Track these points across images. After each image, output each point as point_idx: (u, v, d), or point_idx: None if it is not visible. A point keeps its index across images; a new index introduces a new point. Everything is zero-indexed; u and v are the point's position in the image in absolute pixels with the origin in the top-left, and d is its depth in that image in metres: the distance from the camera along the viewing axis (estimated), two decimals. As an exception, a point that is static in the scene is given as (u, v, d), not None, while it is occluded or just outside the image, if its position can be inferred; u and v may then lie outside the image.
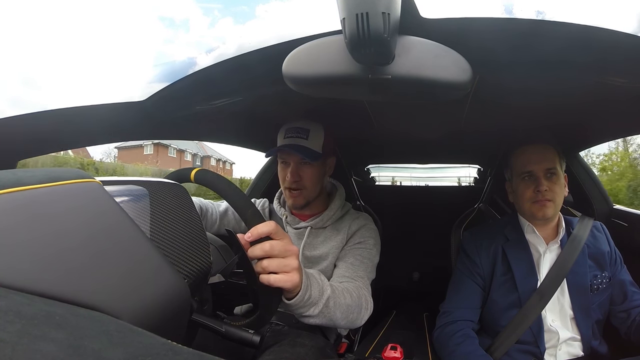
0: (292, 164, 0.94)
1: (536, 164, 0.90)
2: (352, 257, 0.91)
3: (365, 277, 0.87)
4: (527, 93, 0.77)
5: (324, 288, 0.66)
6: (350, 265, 0.88)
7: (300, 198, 0.95)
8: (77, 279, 0.28)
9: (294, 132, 0.93)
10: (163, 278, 0.35)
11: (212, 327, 0.52)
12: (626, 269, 0.93)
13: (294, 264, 0.55)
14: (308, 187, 0.95)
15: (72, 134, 0.76)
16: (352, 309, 0.73)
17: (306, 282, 0.61)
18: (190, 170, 0.60)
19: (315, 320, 0.67)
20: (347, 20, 0.41)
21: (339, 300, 0.70)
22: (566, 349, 0.86)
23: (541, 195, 0.88)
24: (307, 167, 0.94)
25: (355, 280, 0.83)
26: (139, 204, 0.42)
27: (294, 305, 0.60)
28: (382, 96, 0.58)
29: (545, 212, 0.89)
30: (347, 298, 0.72)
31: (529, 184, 0.91)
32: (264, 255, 0.53)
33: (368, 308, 0.80)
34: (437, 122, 1.12)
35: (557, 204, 0.90)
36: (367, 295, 0.81)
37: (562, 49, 0.55)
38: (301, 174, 0.94)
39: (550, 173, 0.89)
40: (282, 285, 0.54)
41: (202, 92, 0.77)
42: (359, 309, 0.76)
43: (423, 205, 1.96)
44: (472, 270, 0.96)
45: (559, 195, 0.90)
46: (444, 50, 0.50)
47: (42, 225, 0.28)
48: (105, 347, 0.20)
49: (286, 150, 0.92)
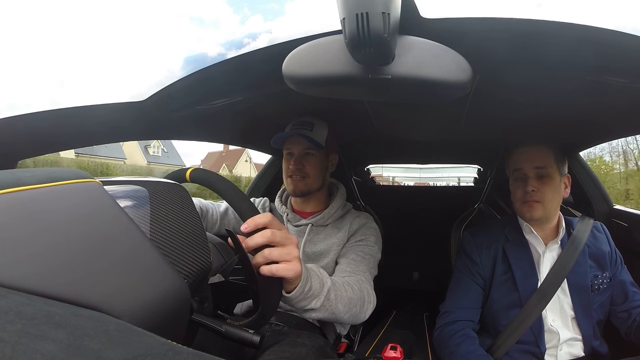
0: (296, 153, 0.99)
1: (525, 163, 0.90)
2: (354, 253, 0.92)
3: (367, 272, 0.87)
4: (527, 93, 0.77)
5: (324, 280, 0.65)
6: (351, 261, 0.89)
7: (302, 184, 0.99)
8: (77, 279, 0.28)
9: (300, 125, 1.00)
10: (163, 278, 0.35)
11: (212, 327, 0.52)
12: (626, 269, 0.93)
13: (295, 253, 0.54)
14: (310, 175, 0.99)
15: (72, 134, 0.76)
16: (354, 302, 0.72)
17: (305, 274, 0.59)
18: (185, 171, 0.60)
19: (318, 314, 0.65)
20: (347, 20, 0.41)
21: (341, 292, 0.69)
22: (567, 349, 0.86)
23: (529, 196, 0.88)
24: (310, 157, 0.99)
25: (357, 275, 0.83)
26: (139, 204, 0.42)
27: (294, 298, 0.58)
28: (382, 96, 0.58)
29: (533, 214, 0.89)
30: (348, 291, 0.71)
31: (519, 183, 0.91)
32: (265, 242, 0.51)
33: (371, 302, 0.79)
34: (437, 122, 1.12)
35: (546, 206, 0.89)
36: (369, 289, 0.81)
37: (562, 49, 0.55)
38: (304, 163, 0.99)
39: (540, 173, 0.89)
40: (284, 275, 0.52)
41: (202, 92, 0.77)
42: (361, 302, 0.75)
43: (423, 205, 1.96)
44: (472, 270, 0.96)
45: (548, 196, 0.89)
46: (444, 50, 0.50)
47: (42, 225, 0.28)
48: (105, 347, 0.20)
49: (293, 134, 0.98)
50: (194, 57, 0.70)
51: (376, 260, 0.95)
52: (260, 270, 0.52)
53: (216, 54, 0.65)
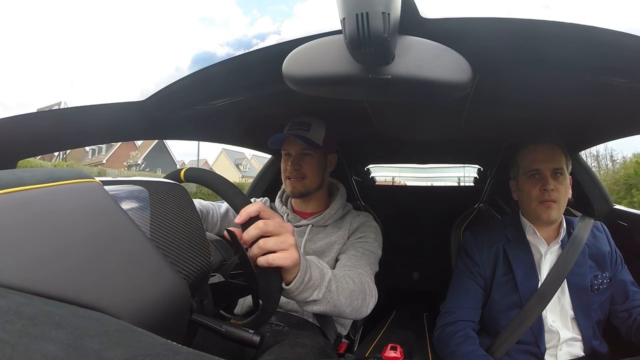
0: (294, 153, 0.99)
1: (544, 163, 0.89)
2: (354, 249, 0.92)
3: (368, 266, 0.87)
4: (527, 93, 0.77)
5: (324, 270, 0.64)
6: (351, 257, 0.89)
7: (300, 185, 0.99)
8: (77, 279, 0.28)
9: (296, 125, 1.00)
10: (163, 278, 0.35)
11: (212, 327, 0.52)
12: (627, 269, 0.93)
13: (290, 240, 0.53)
14: (308, 175, 0.99)
15: (72, 134, 0.76)
16: (356, 295, 0.71)
17: (305, 264, 0.58)
18: (180, 171, 0.60)
19: (320, 307, 0.63)
20: (347, 20, 0.41)
21: (342, 284, 0.67)
22: (567, 349, 0.86)
23: (547, 195, 0.87)
24: (308, 157, 0.99)
25: (357, 268, 0.83)
26: (139, 204, 0.42)
27: (295, 289, 0.56)
28: (382, 96, 0.58)
29: (550, 215, 0.88)
30: (349, 283, 0.70)
31: (535, 182, 0.90)
32: (259, 233, 0.50)
33: (373, 295, 0.78)
34: (437, 122, 1.12)
35: (561, 206, 0.89)
36: (370, 282, 0.80)
37: (562, 49, 0.55)
38: (302, 164, 0.99)
39: (557, 173, 0.89)
40: (282, 264, 0.51)
41: (202, 92, 0.77)
42: (363, 294, 0.74)
43: (423, 205, 1.96)
44: (472, 270, 0.96)
45: (563, 196, 0.89)
46: (444, 50, 0.50)
47: (42, 225, 0.28)
48: (105, 347, 0.20)
49: (290, 135, 0.97)
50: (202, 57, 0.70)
51: (377, 257, 0.95)
52: (257, 262, 0.51)
53: (224, 54, 0.65)
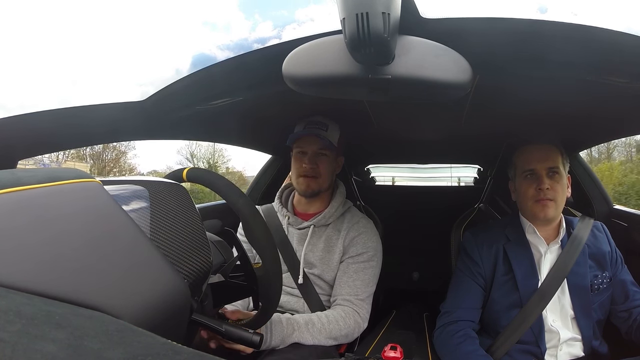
0: (310, 152, 1.00)
1: (539, 163, 0.90)
2: (354, 272, 0.95)
3: (366, 297, 0.95)
4: (527, 93, 0.77)
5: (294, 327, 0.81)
6: (352, 286, 0.94)
7: (314, 183, 1.00)
8: (77, 279, 0.28)
9: (315, 124, 1.00)
10: (163, 278, 0.35)
11: (212, 327, 0.52)
12: (627, 269, 0.93)
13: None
14: (322, 175, 1.00)
15: (72, 134, 0.76)
16: (336, 334, 0.87)
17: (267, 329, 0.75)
18: (182, 171, 0.60)
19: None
20: (347, 20, 0.41)
21: (324, 327, 0.85)
22: (567, 349, 0.86)
23: (543, 194, 0.88)
24: (323, 157, 1.00)
25: (354, 304, 0.92)
26: (139, 204, 0.42)
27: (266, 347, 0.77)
28: (382, 96, 0.58)
29: (547, 213, 0.88)
30: (332, 325, 0.87)
31: (530, 182, 0.90)
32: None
33: (360, 329, 0.93)
34: (437, 122, 1.12)
35: (558, 204, 0.89)
36: (358, 319, 0.92)
37: (562, 49, 0.55)
38: (317, 163, 0.99)
39: (552, 172, 0.89)
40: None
41: (202, 92, 0.77)
42: (346, 332, 0.89)
43: (423, 205, 1.96)
44: (472, 270, 0.96)
45: (560, 195, 0.89)
46: (444, 50, 0.50)
47: (42, 225, 0.28)
48: (105, 347, 0.20)
49: (311, 134, 0.98)
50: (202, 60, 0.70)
51: (377, 275, 0.99)
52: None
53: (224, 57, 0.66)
